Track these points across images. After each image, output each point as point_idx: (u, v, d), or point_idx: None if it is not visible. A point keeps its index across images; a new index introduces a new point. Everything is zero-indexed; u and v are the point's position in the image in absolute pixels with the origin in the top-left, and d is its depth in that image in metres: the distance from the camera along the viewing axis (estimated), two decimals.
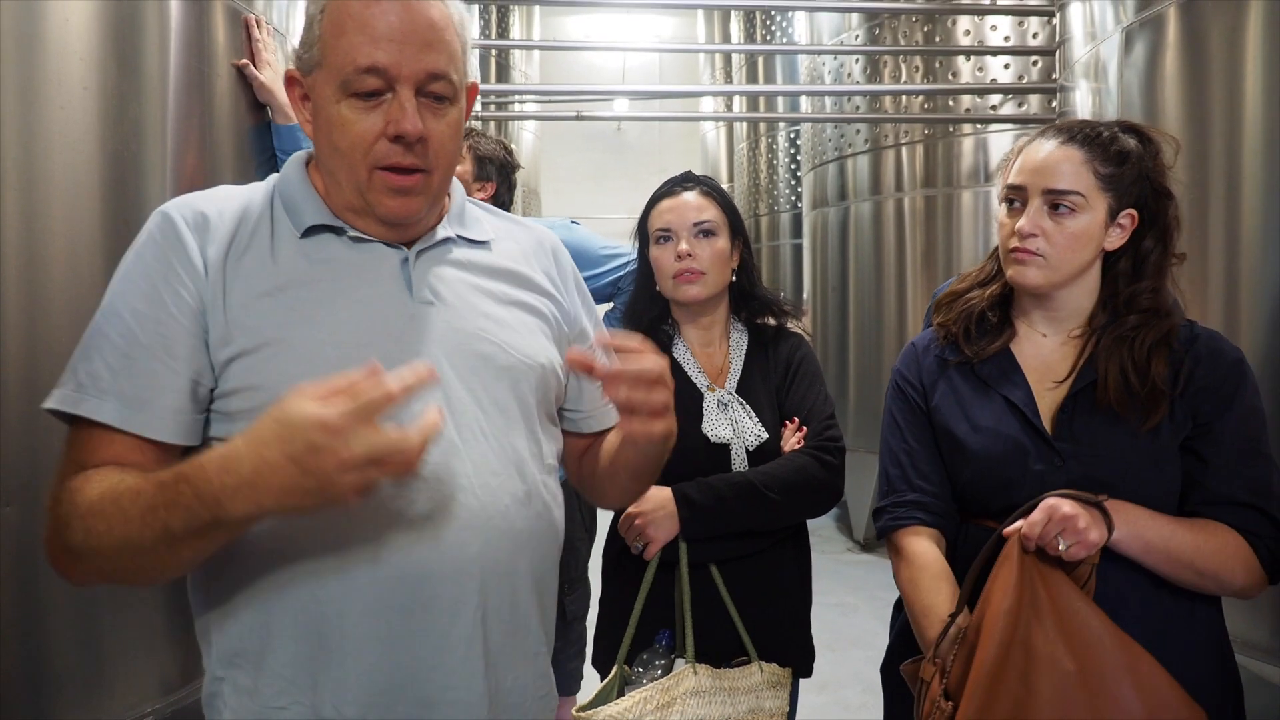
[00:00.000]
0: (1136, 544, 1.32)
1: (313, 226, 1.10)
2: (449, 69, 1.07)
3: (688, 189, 1.90)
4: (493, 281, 1.18)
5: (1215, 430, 1.38)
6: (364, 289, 1.08)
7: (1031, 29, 4.51)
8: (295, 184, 1.13)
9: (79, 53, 1.64)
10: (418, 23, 1.04)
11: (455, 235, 1.18)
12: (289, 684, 1.03)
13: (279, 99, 2.16)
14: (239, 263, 1.05)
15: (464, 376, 1.09)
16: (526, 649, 1.15)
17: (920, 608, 1.42)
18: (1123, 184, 1.38)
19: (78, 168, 1.64)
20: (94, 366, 1.00)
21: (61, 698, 1.61)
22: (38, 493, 1.57)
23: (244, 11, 2.12)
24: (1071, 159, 1.37)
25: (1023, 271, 1.41)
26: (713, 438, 1.79)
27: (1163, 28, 2.66)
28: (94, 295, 1.65)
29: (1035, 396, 1.44)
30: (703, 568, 1.77)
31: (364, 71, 1.03)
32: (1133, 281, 1.42)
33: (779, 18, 7.58)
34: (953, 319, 1.53)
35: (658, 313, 1.92)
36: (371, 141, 1.05)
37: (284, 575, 1.03)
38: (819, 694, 3.49)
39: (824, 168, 5.86)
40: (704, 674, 1.69)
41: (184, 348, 1.02)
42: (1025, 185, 1.40)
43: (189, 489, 0.88)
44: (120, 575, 0.99)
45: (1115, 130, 1.41)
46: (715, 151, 10.00)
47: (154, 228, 1.06)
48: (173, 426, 1.01)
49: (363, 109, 1.05)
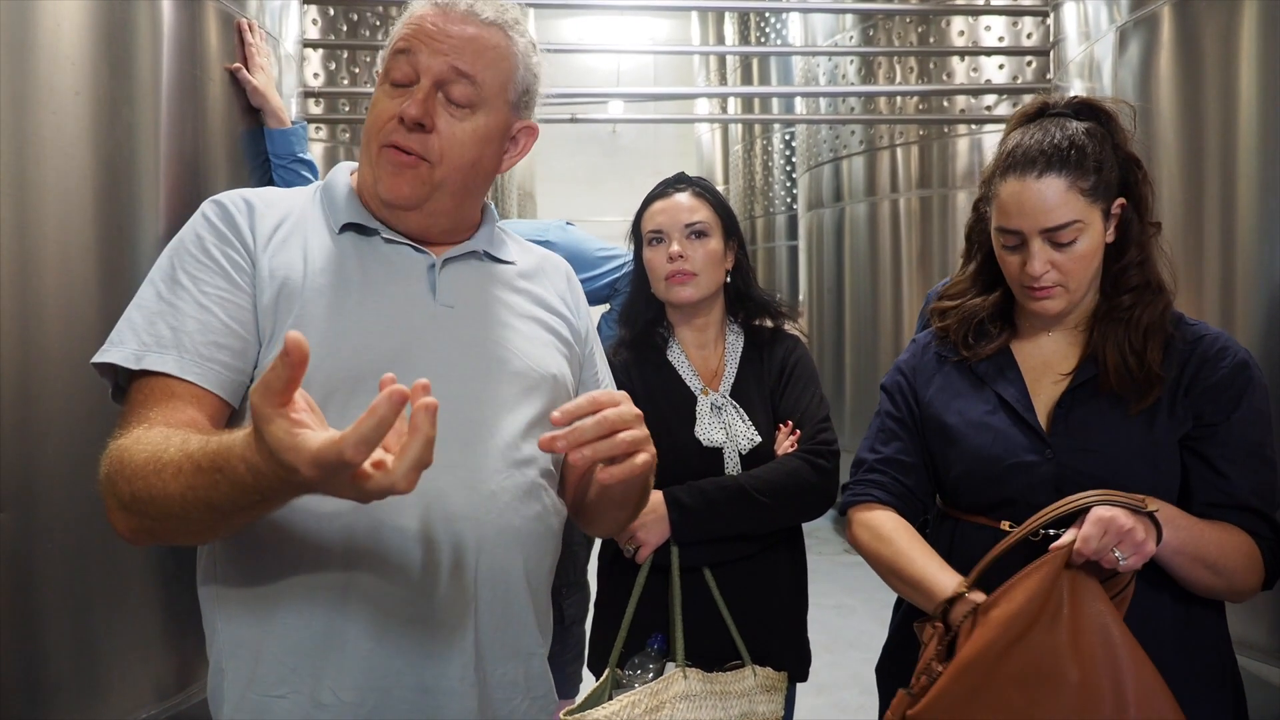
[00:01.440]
0: (1170, 545, 1.29)
1: (348, 225, 1.15)
2: (473, 72, 1.12)
3: (680, 190, 1.89)
4: (512, 296, 1.23)
5: (1221, 432, 1.36)
6: (390, 286, 1.13)
7: (1026, 29, 4.51)
8: (338, 185, 1.19)
9: (71, 57, 1.63)
10: (464, 34, 1.12)
11: (483, 251, 1.23)
12: (289, 672, 1.05)
13: (272, 103, 2.16)
14: (278, 251, 1.11)
15: (475, 376, 1.13)
16: (519, 647, 1.16)
17: (912, 568, 1.41)
18: (1106, 184, 1.37)
19: (70, 173, 1.63)
20: (157, 328, 1.03)
21: (57, 702, 1.61)
22: (33, 498, 1.57)
23: (236, 15, 2.12)
24: (1056, 190, 1.34)
25: (1046, 306, 1.40)
26: (705, 441, 1.78)
27: (1157, 27, 2.66)
28: (87, 300, 1.67)
29: (1034, 392, 1.44)
30: (696, 571, 1.77)
31: (397, 54, 1.12)
32: (1119, 258, 1.41)
33: (773, 19, 7.60)
34: (953, 324, 1.53)
35: (653, 314, 1.92)
36: (385, 121, 1.12)
37: (285, 565, 1.04)
38: (816, 695, 3.48)
39: (819, 169, 5.86)
40: (694, 677, 1.68)
41: (245, 314, 1.07)
42: (1021, 229, 1.37)
43: (224, 480, 0.88)
44: (170, 537, 1.00)
45: (1075, 127, 1.38)
46: (710, 153, 10.02)
47: (206, 210, 1.12)
48: (229, 385, 1.05)
49: (392, 95, 1.13)
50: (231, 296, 1.07)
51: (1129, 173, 1.40)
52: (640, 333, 1.90)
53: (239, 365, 1.06)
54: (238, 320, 1.06)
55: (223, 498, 0.88)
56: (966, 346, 1.50)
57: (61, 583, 1.62)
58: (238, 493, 0.86)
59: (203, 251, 1.08)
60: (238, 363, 1.06)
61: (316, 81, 3.64)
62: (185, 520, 0.93)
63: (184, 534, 0.99)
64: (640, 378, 1.85)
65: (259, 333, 1.07)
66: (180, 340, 1.03)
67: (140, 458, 0.94)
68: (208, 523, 0.93)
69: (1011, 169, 1.38)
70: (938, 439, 1.50)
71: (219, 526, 0.96)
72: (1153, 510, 1.25)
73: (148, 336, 1.03)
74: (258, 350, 1.07)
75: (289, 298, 1.08)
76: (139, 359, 1.02)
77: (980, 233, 1.50)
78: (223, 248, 1.09)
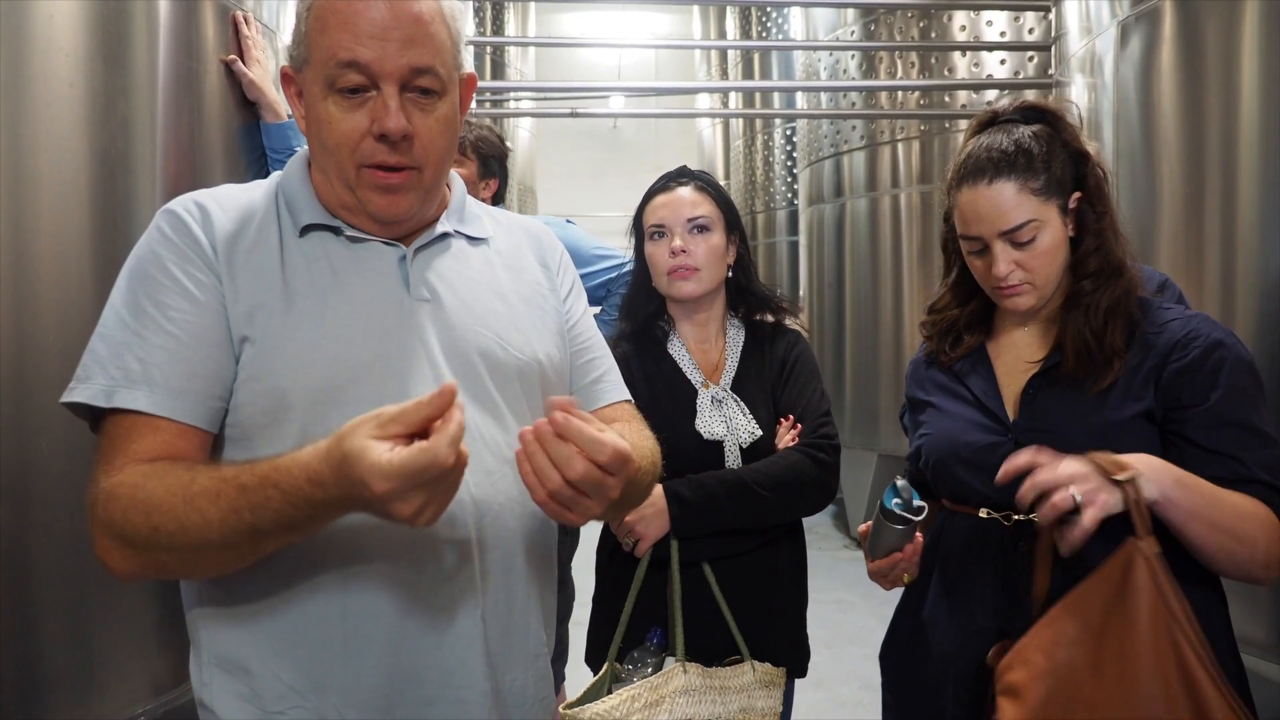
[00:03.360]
0: (1183, 508, 1.24)
1: (310, 225, 1.10)
2: (434, 63, 1.05)
3: (682, 184, 1.89)
4: (490, 278, 1.18)
5: (1203, 415, 1.34)
6: (361, 287, 1.08)
7: (1027, 24, 4.50)
8: (295, 183, 1.13)
9: (65, 49, 1.62)
10: (401, 17, 1.02)
11: (454, 231, 1.17)
12: (289, 689, 1.03)
13: (268, 96, 2.15)
14: (242, 259, 1.06)
15: (460, 374, 1.08)
16: (526, 650, 1.15)
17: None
18: (1058, 181, 1.40)
19: (65, 166, 1.62)
20: (125, 361, 0.99)
21: (52, 698, 1.60)
22: (28, 493, 1.56)
23: (233, 8, 2.11)
24: (1006, 194, 1.39)
25: (1018, 303, 1.44)
26: (705, 435, 1.78)
27: (1159, 22, 2.65)
28: (83, 294, 1.66)
29: (1005, 384, 1.48)
30: (695, 566, 1.77)
31: (345, 66, 1.02)
32: (1077, 246, 1.44)
33: (774, 14, 7.58)
34: (934, 335, 1.60)
35: (654, 309, 1.92)
36: (358, 140, 1.04)
37: (283, 584, 1.03)
38: (815, 691, 3.48)
39: (820, 164, 5.85)
40: (694, 672, 1.68)
41: (216, 334, 1.02)
42: (981, 235, 1.42)
43: (277, 494, 0.89)
44: (184, 569, 0.99)
45: (1022, 131, 1.42)
46: (711, 148, 9.99)
47: (163, 224, 1.06)
48: (206, 414, 1.02)
49: (347, 106, 1.04)
50: (198, 318, 1.02)
51: (1080, 166, 1.44)
52: (641, 326, 1.90)
53: (214, 391, 1.02)
54: (208, 342, 1.02)
55: (270, 517, 0.89)
56: (944, 353, 1.57)
57: (57, 578, 1.61)
58: (290, 508, 0.88)
59: (163, 272, 1.03)
60: (214, 389, 1.02)
61: None
62: (220, 549, 0.92)
63: (202, 565, 0.98)
64: (641, 370, 1.84)
65: (233, 346, 1.03)
66: (150, 374, 0.99)
67: (160, 492, 0.93)
68: (242, 550, 0.93)
69: (965, 179, 1.43)
70: (915, 435, 1.58)
71: (250, 553, 0.95)
72: (1123, 478, 1.20)
73: (116, 371, 0.99)
74: (234, 366, 1.03)
75: (261, 309, 1.04)
76: (109, 395, 0.98)
77: (953, 242, 1.54)
78: (183, 265, 1.03)
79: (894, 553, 1.46)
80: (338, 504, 0.89)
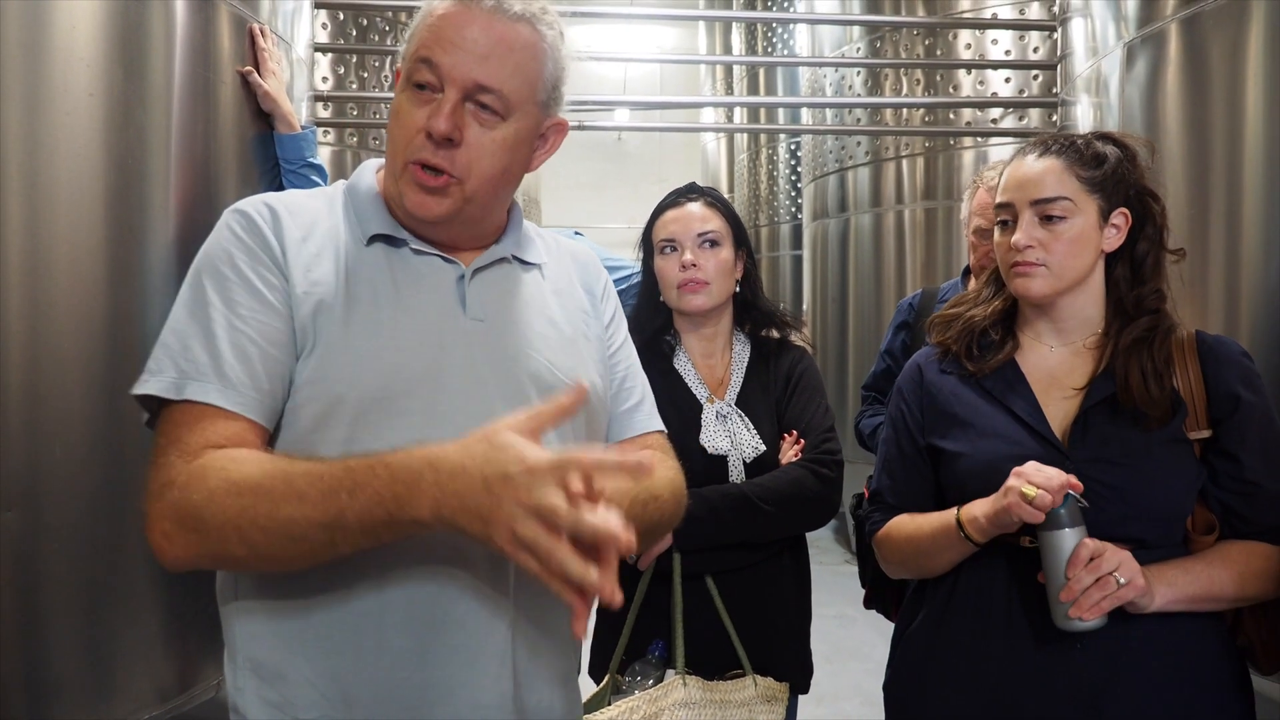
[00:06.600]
0: (1178, 602, 1.33)
1: (376, 235, 1.12)
2: (502, 87, 1.07)
3: (692, 200, 1.90)
4: (542, 303, 1.20)
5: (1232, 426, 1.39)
6: (421, 301, 1.10)
7: (1033, 43, 4.52)
8: (364, 191, 1.16)
9: (84, 58, 1.64)
10: (489, 34, 1.07)
11: (511, 256, 1.19)
12: (320, 697, 1.03)
13: (283, 108, 2.16)
14: (312, 265, 1.08)
15: (509, 396, 1.09)
16: (555, 670, 1.15)
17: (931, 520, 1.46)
18: (1107, 185, 1.40)
19: (82, 173, 1.64)
20: (195, 354, 1.01)
21: (60, 703, 1.61)
22: (38, 498, 1.57)
23: (249, 19, 2.13)
24: (1052, 168, 1.39)
25: (1026, 284, 1.41)
26: (710, 449, 1.79)
27: (1164, 44, 2.66)
28: (97, 301, 1.67)
29: (1043, 407, 1.43)
30: (699, 579, 1.77)
31: (421, 62, 1.07)
32: (1134, 285, 1.43)
33: (780, 30, 7.60)
34: (953, 337, 1.53)
35: (661, 323, 1.93)
36: (413, 134, 1.07)
37: (318, 588, 1.03)
38: (817, 706, 3.47)
39: (824, 179, 5.87)
40: (694, 685, 1.68)
41: (282, 335, 1.04)
42: (1013, 201, 1.42)
43: (385, 472, 0.89)
44: (251, 558, 0.97)
45: (1090, 138, 1.44)
46: (716, 162, 10.01)
47: (234, 223, 1.08)
48: (269, 412, 1.03)
49: (416, 101, 1.08)
50: (266, 319, 1.04)
51: (1143, 202, 1.43)
52: (648, 340, 1.91)
53: (278, 391, 1.03)
54: (275, 343, 1.03)
55: (363, 503, 0.89)
56: (970, 359, 1.50)
57: (66, 583, 1.62)
58: (389, 494, 0.89)
59: (234, 270, 1.05)
60: (277, 389, 1.03)
61: (325, 85, 3.65)
62: (300, 539, 0.92)
63: (273, 555, 0.95)
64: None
65: (296, 348, 1.05)
66: (221, 369, 1.00)
67: (256, 473, 0.93)
68: (318, 541, 0.92)
69: (1018, 154, 1.46)
70: (947, 461, 1.48)
71: (325, 549, 0.94)
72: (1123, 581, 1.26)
73: (186, 364, 1.01)
74: (294, 368, 1.05)
75: (324, 314, 1.05)
76: (179, 389, 1.00)
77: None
78: (254, 265, 1.05)
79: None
80: (440, 499, 0.88)
